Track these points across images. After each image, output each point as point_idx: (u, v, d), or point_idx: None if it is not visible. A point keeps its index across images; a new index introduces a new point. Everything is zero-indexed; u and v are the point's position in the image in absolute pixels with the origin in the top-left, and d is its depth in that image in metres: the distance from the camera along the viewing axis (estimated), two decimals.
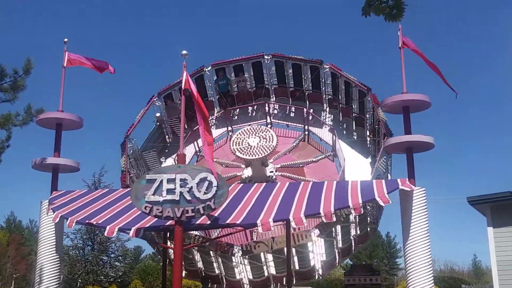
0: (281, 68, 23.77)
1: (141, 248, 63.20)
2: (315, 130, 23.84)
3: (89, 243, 39.73)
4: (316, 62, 22.86)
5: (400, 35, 16.60)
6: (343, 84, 22.32)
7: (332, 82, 23.12)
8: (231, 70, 24.12)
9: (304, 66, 23.27)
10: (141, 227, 13.46)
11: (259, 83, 24.38)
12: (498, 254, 16.46)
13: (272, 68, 23.98)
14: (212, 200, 12.15)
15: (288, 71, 23.77)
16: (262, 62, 23.82)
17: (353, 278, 21.09)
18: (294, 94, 24.14)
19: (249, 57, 23.75)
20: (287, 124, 24.47)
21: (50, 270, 15.89)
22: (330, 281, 45.43)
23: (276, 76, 24.08)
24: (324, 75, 23.18)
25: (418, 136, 15.65)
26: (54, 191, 16.70)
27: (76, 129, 18.05)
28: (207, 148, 13.00)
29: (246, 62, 23.87)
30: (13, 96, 14.90)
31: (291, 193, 14.70)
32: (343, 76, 22.01)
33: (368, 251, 57.50)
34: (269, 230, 13.52)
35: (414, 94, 16.08)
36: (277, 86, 24.28)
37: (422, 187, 15.00)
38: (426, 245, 14.53)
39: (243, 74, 24.15)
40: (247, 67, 24.07)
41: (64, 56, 17.76)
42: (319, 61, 22.80)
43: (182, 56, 13.98)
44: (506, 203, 16.52)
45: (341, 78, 22.22)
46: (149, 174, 12.87)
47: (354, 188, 14.39)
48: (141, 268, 47.90)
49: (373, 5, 6.44)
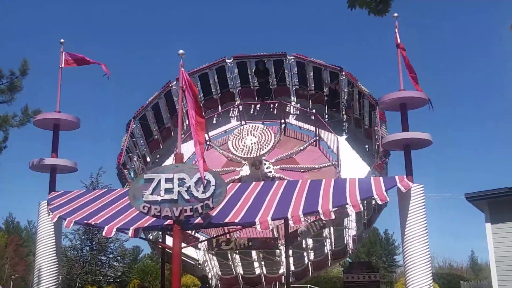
0: (244, 69, 23.81)
1: (139, 248, 63.28)
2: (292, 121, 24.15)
3: (88, 243, 39.76)
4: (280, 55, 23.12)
5: (397, 32, 16.62)
6: (311, 70, 22.75)
7: (299, 72, 23.40)
8: (253, 64, 24.06)
9: (268, 61, 23.45)
10: (140, 227, 13.45)
11: (223, 88, 24.37)
12: (496, 250, 16.48)
13: (235, 71, 24.00)
14: (211, 199, 12.14)
15: (252, 70, 23.91)
16: (225, 66, 23.82)
17: (352, 275, 21.07)
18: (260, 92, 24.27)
19: (212, 63, 23.64)
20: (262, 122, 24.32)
21: (49, 271, 15.87)
22: (329, 278, 45.51)
23: (239, 78, 24.09)
24: (290, 66, 23.44)
25: (416, 133, 15.67)
26: (52, 192, 16.68)
27: (73, 129, 18.03)
28: (198, 148, 12.89)
29: (210, 69, 23.78)
30: (10, 97, 14.87)
31: (289, 191, 14.71)
32: (311, 62, 22.37)
33: (366, 248, 57.62)
34: (268, 229, 13.53)
35: (411, 91, 16.10)
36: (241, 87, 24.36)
37: (420, 184, 15.03)
38: (424, 241, 14.55)
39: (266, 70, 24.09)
40: (211, 74, 24.02)
41: (61, 57, 17.72)
42: (282, 54, 23.07)
43: (179, 55, 13.96)
44: (504, 199, 16.54)
45: (308, 64, 22.60)
46: (147, 174, 12.85)
47: (352, 186, 14.41)
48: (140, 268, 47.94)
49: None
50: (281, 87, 23.87)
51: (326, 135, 22.31)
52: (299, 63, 22.87)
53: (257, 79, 23.98)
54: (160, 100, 22.92)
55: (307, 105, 23.61)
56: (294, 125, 24.08)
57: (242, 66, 23.74)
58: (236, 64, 23.69)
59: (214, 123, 24.75)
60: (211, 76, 24.06)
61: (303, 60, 22.49)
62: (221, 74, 24.00)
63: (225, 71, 23.99)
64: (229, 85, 24.25)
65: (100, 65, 17.91)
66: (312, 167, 22.00)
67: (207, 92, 24.32)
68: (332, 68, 21.48)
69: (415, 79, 16.35)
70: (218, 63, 23.55)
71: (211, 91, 24.35)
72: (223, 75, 24.08)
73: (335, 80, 21.74)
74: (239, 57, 23.50)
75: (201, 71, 23.66)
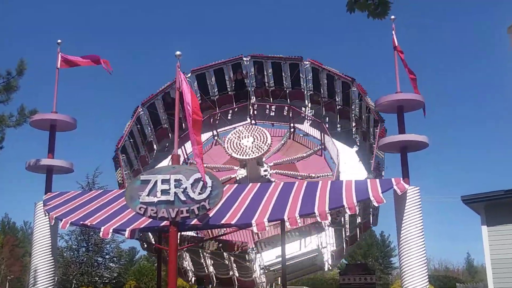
0: (261, 68, 23.70)
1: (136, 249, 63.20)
2: (301, 126, 23.88)
3: (84, 244, 39.73)
4: (296, 59, 22.83)
5: (394, 34, 16.65)
6: (325, 78, 22.34)
7: (313, 77, 23.08)
8: (212, 74, 23.94)
9: (284, 64, 23.23)
10: (136, 228, 13.44)
11: (239, 85, 24.29)
12: (492, 252, 16.53)
13: (251, 69, 23.89)
14: (207, 200, 12.14)
15: (268, 70, 23.69)
16: (242, 64, 23.73)
17: (348, 277, 21.12)
18: (275, 93, 24.08)
19: (228, 60, 23.49)
20: (272, 124, 24.42)
21: (45, 272, 15.83)
22: (325, 280, 45.51)
23: (255, 77, 24.00)
24: (305, 71, 23.16)
25: (412, 136, 15.68)
26: (48, 193, 16.65)
27: (70, 130, 18.01)
28: (196, 148, 12.92)
29: (226, 65, 23.70)
30: (6, 97, 14.86)
31: (285, 193, 14.70)
32: (325, 69, 22.01)
33: (363, 250, 57.65)
34: (264, 230, 13.52)
35: (408, 93, 16.12)
36: (257, 87, 24.21)
37: (416, 186, 15.04)
38: (420, 244, 14.55)
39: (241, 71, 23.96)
40: (227, 70, 23.95)
41: (58, 57, 17.71)
42: (299, 58, 22.77)
43: (176, 56, 13.96)
44: (500, 202, 16.59)
45: (323, 72, 22.21)
46: (144, 175, 12.85)
47: (349, 188, 14.41)
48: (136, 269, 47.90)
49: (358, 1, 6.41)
50: (296, 90, 23.81)
51: (330, 145, 22.12)
52: (314, 69, 22.76)
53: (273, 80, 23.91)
54: (171, 90, 22.79)
55: (321, 112, 23.48)
56: (302, 130, 23.95)
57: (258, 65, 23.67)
58: (253, 63, 23.65)
59: (229, 119, 24.75)
60: (226, 72, 24.03)
61: (318, 67, 22.35)
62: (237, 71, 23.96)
63: (241, 69, 23.93)
64: (246, 84, 24.25)
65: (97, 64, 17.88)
66: (309, 176, 21.91)
67: (222, 88, 24.32)
68: (345, 78, 21.29)
69: (415, 81, 16.37)
70: (234, 60, 23.54)
71: (226, 87, 24.33)
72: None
73: (347, 90, 21.56)
74: (256, 56, 23.44)
75: (217, 66, 23.62)
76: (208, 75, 23.81)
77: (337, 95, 22.24)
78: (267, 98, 24.25)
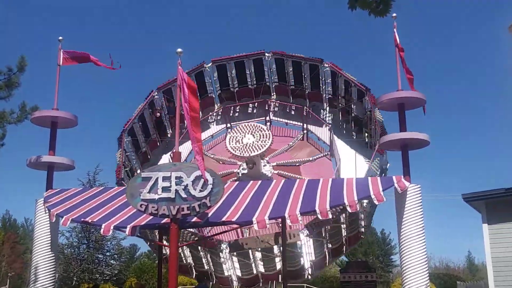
0: (282, 66, 23.71)
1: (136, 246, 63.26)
2: (314, 129, 23.85)
3: (85, 241, 39.68)
4: (316, 60, 22.81)
5: (396, 32, 16.63)
6: (343, 83, 22.27)
7: (332, 81, 23.06)
8: (232, 66, 24.08)
9: (304, 64, 23.22)
10: (137, 225, 13.44)
11: (259, 80, 24.33)
12: (493, 250, 16.53)
13: (273, 66, 23.94)
14: (208, 197, 12.14)
15: (289, 69, 23.72)
16: (263, 59, 23.77)
17: (349, 275, 21.10)
18: (294, 92, 24.11)
19: (250, 54, 23.68)
20: (286, 123, 24.45)
21: (46, 269, 15.86)
22: (326, 278, 45.52)
23: (276, 74, 24.02)
24: (324, 74, 23.14)
25: (413, 134, 15.67)
26: (49, 190, 16.65)
27: (71, 127, 18.01)
28: (197, 146, 12.92)
29: (247, 59, 23.82)
30: (8, 93, 14.84)
31: (286, 190, 14.70)
32: (343, 75, 21.94)
33: (363, 248, 57.60)
34: (265, 228, 13.52)
35: (409, 91, 16.11)
36: (278, 83, 24.24)
37: (417, 184, 15.03)
38: (421, 242, 14.55)
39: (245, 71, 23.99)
40: (248, 64, 24.01)
41: (59, 54, 17.70)
42: (319, 60, 22.75)
43: (177, 54, 13.96)
44: (501, 200, 16.58)
45: (341, 77, 22.15)
46: (145, 172, 12.85)
47: (350, 186, 14.40)
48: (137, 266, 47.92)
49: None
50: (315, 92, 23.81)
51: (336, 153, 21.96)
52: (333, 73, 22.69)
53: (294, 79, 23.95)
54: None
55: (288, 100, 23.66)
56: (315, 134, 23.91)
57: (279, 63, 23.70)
58: (274, 60, 23.67)
59: (248, 113, 24.86)
60: (247, 66, 24.07)
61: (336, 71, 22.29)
62: (259, 66, 24.00)
63: (263, 64, 24.00)
64: (266, 79, 24.24)
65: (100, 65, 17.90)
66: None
67: (243, 81, 24.38)
68: (360, 86, 21.21)
69: (412, 81, 16.37)
70: (256, 55, 23.61)
71: (247, 80, 24.36)
72: (261, 68, 24.08)
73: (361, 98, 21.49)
74: (278, 53, 23.49)
75: (238, 59, 23.80)
76: (229, 66, 23.94)
77: (353, 102, 22.21)
78: (287, 96, 24.35)
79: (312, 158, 22.90)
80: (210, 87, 24.59)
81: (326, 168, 22.45)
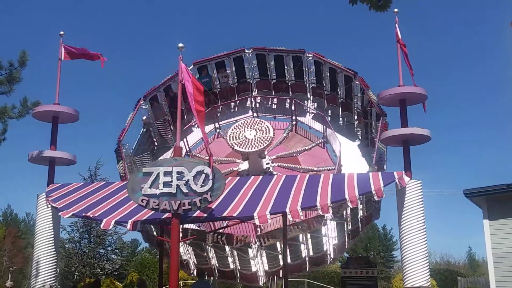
0: (263, 61, 23.61)
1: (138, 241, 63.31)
2: (303, 119, 23.80)
3: (86, 236, 39.80)
4: (299, 51, 22.71)
5: (397, 27, 16.62)
6: (328, 71, 22.24)
7: (316, 70, 22.97)
8: (213, 67, 23.88)
9: (287, 56, 23.13)
10: (138, 220, 13.47)
11: (241, 78, 24.21)
12: (494, 246, 16.53)
13: (254, 62, 23.80)
14: (209, 193, 12.15)
15: (270, 63, 23.55)
16: (243, 56, 23.61)
17: (350, 270, 21.05)
18: (277, 86, 24.00)
19: (230, 52, 23.44)
20: (274, 116, 24.37)
21: (47, 263, 15.92)
22: (326, 273, 45.52)
23: (258, 70, 23.92)
24: (307, 64, 23.05)
25: (415, 129, 15.69)
26: (51, 184, 16.68)
27: (72, 122, 18.03)
28: (205, 137, 13.16)
29: (228, 58, 23.63)
30: (9, 88, 14.88)
31: (288, 185, 14.72)
32: (327, 63, 21.90)
33: (364, 243, 57.65)
34: (266, 223, 13.54)
35: (411, 86, 16.11)
36: (259, 79, 24.12)
37: (418, 179, 15.04)
38: (422, 237, 14.58)
39: (225, 70, 23.92)
40: (229, 62, 23.86)
41: (60, 49, 17.71)
42: (301, 50, 22.65)
43: (178, 49, 13.94)
44: (502, 196, 16.57)
45: (325, 65, 22.09)
46: (146, 167, 12.86)
47: (351, 181, 14.42)
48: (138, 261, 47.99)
49: None
50: (298, 83, 23.71)
51: (332, 139, 22.03)
52: (316, 62, 22.67)
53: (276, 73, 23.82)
54: (173, 84, 22.76)
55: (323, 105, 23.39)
56: (305, 124, 23.86)
57: (261, 58, 23.61)
58: (255, 55, 23.59)
59: (231, 112, 24.67)
60: (228, 65, 23.93)
61: (320, 60, 22.24)
62: (239, 63, 23.92)
63: (243, 61, 23.86)
64: (247, 76, 24.19)
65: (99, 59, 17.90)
66: (311, 169, 21.89)
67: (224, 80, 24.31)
68: (347, 71, 21.19)
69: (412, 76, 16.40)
70: (236, 53, 23.49)
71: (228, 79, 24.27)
72: (241, 65, 23.99)
73: (349, 83, 21.49)
74: (259, 49, 23.36)
75: (219, 59, 23.55)
76: (210, 67, 23.78)
77: (340, 88, 22.15)
78: (269, 91, 24.20)
79: (308, 147, 22.94)
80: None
81: (322, 155, 22.55)
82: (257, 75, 23.96)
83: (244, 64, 23.78)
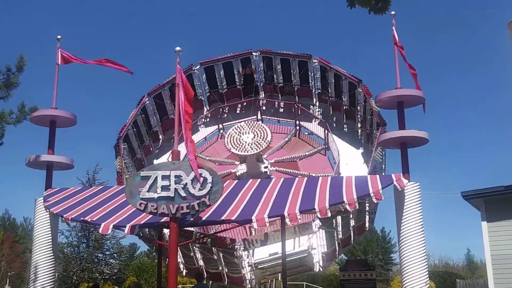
0: (270, 64, 23.67)
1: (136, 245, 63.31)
2: (306, 125, 23.83)
3: (84, 240, 39.74)
4: (305, 56, 22.78)
5: (394, 30, 16.63)
6: (333, 77, 22.26)
7: (321, 76, 23.03)
8: (220, 67, 24.01)
9: (293, 61, 23.19)
10: (136, 224, 13.44)
11: (248, 80, 24.28)
12: (492, 248, 16.53)
13: (261, 65, 23.88)
14: (207, 196, 12.13)
15: (277, 67, 23.68)
16: (251, 58, 23.71)
17: (348, 273, 21.09)
18: (283, 89, 24.08)
19: (238, 54, 23.61)
20: (278, 120, 24.46)
21: (45, 268, 15.85)
22: (325, 276, 45.52)
23: (264, 72, 23.98)
24: (313, 69, 23.10)
25: (412, 131, 15.67)
26: (49, 189, 16.65)
27: (70, 126, 18.00)
28: (190, 145, 12.90)
29: (235, 60, 23.75)
30: (7, 93, 14.83)
31: (286, 189, 14.69)
32: (332, 69, 21.94)
33: (363, 246, 57.68)
34: (264, 226, 13.51)
35: (408, 89, 16.10)
36: (266, 82, 24.18)
37: (416, 182, 15.03)
38: (420, 240, 14.56)
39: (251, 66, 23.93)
40: (236, 64, 23.96)
41: (57, 53, 17.68)
42: (308, 55, 22.72)
43: (176, 52, 13.95)
44: (500, 198, 16.58)
45: (330, 71, 22.13)
46: (144, 171, 12.84)
47: (349, 184, 14.40)
48: (136, 265, 47.94)
49: None
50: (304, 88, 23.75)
51: (333, 146, 22.02)
52: (322, 68, 22.70)
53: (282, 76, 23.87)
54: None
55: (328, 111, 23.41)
56: (308, 129, 23.89)
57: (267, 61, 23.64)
58: (262, 58, 23.62)
59: (237, 113, 24.76)
60: (235, 66, 24.03)
61: (326, 66, 22.26)
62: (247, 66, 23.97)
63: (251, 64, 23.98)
64: (254, 78, 24.23)
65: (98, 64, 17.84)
66: (309, 175, 21.88)
67: (231, 82, 24.36)
68: (351, 78, 21.21)
69: (416, 76, 16.37)
70: (243, 55, 23.52)
71: (235, 80, 24.34)
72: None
73: (353, 90, 21.51)
74: (265, 51, 23.41)
75: (226, 60, 23.67)
76: (216, 68, 23.90)
77: (344, 95, 22.19)
78: (276, 94, 24.31)
79: (309, 153, 22.94)
80: (199, 90, 24.48)
81: (322, 162, 22.54)
82: (264, 77, 24.11)
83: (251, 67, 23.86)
